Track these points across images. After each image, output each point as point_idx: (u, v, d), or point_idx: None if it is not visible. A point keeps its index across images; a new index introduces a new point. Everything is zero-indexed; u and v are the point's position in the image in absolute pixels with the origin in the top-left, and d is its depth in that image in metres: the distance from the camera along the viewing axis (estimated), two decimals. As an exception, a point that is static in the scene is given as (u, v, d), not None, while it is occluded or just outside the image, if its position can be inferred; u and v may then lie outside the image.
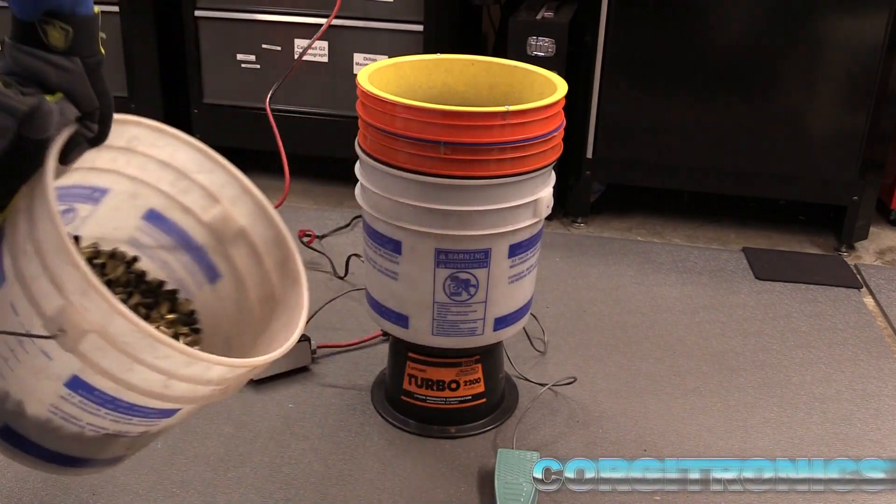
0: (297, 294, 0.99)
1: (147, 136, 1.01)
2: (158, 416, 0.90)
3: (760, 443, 1.55)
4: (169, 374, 0.83)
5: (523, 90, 1.49)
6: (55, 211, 0.76)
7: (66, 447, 0.92)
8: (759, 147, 2.24)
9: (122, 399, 0.85)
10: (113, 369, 0.81)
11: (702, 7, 2.19)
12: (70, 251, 0.76)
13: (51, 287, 0.78)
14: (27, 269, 0.79)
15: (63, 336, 0.78)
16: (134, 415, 0.88)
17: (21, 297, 0.80)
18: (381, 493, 1.40)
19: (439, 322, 1.43)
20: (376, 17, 2.31)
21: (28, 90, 0.73)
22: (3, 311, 0.82)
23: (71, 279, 0.77)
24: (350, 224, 2.29)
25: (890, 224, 2.48)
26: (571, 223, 2.42)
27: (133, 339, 0.79)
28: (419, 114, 1.30)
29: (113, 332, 0.78)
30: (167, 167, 1.04)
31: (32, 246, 0.78)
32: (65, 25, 0.74)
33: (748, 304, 2.01)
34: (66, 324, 0.77)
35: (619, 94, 2.26)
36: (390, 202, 1.37)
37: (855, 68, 2.14)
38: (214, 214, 1.07)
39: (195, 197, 1.06)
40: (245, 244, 1.06)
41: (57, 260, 0.77)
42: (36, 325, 0.79)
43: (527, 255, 1.44)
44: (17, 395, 0.86)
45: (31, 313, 0.79)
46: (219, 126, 2.52)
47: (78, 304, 0.77)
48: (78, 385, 0.83)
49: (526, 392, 1.66)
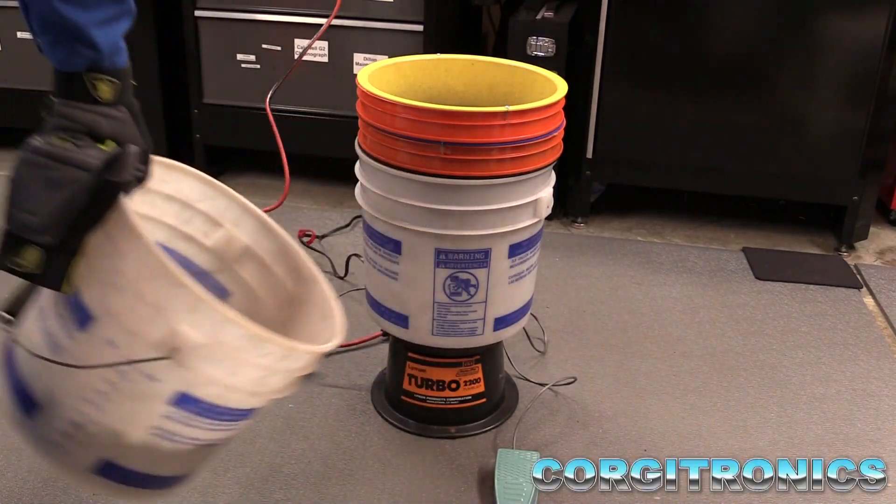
0: (318, 290, 1.05)
1: (158, 173, 1.04)
2: (243, 417, 0.95)
3: (760, 443, 1.55)
4: (268, 370, 0.88)
5: (524, 90, 1.49)
6: (150, 241, 0.81)
7: (164, 468, 0.95)
8: (759, 147, 2.24)
9: (221, 405, 0.90)
10: (218, 376, 0.86)
11: (702, 7, 2.19)
12: (174, 273, 0.80)
13: (152, 312, 0.81)
14: (120, 303, 0.82)
15: (177, 355, 0.81)
16: (226, 419, 0.93)
17: (118, 329, 0.83)
18: (381, 493, 1.40)
19: (439, 322, 1.43)
20: (376, 17, 2.31)
21: (81, 142, 0.76)
22: (98, 349, 0.84)
23: (178, 299, 0.80)
24: (350, 224, 2.29)
25: (890, 224, 2.48)
26: (571, 223, 2.42)
27: (242, 343, 0.83)
28: (419, 114, 1.30)
29: (225, 339, 0.82)
30: (173, 200, 1.10)
31: (121, 279, 0.81)
32: (112, 79, 0.77)
33: (748, 304, 2.01)
34: (178, 343, 0.81)
35: (619, 94, 2.26)
36: (390, 202, 1.37)
37: (855, 68, 2.14)
38: (217, 238, 1.12)
39: (197, 224, 1.12)
40: (251, 260, 1.12)
41: (156, 285, 0.80)
42: (141, 352, 0.82)
43: (527, 255, 1.44)
44: (117, 426, 0.89)
45: (134, 342, 0.82)
46: (219, 126, 2.52)
47: (188, 320, 0.81)
48: (183, 400, 0.87)
49: (526, 392, 1.66)
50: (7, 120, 2.71)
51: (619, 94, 2.26)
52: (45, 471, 1.41)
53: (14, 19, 2.50)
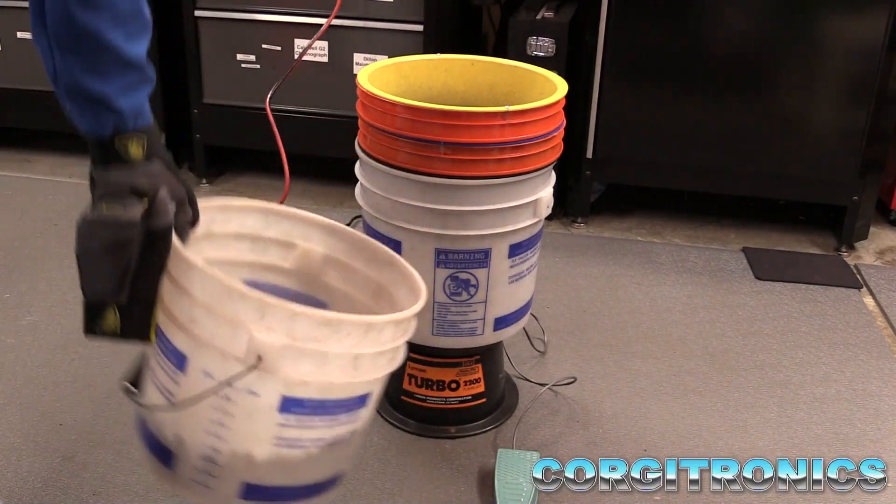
0: (399, 268, 1.09)
1: (216, 217, 1.11)
2: (358, 406, 0.97)
3: (760, 443, 1.55)
4: (355, 352, 0.91)
5: (524, 90, 1.49)
6: (204, 265, 0.86)
7: (304, 476, 0.98)
8: (759, 147, 2.24)
9: (328, 399, 0.93)
10: (311, 372, 0.89)
11: (702, 7, 2.19)
12: (233, 287, 0.85)
13: (230, 329, 0.86)
14: (204, 332, 0.87)
15: (262, 362, 0.86)
16: (340, 411, 0.95)
17: (209, 358, 0.88)
18: (381, 493, 1.40)
19: (439, 322, 1.43)
20: (376, 17, 2.31)
21: (127, 202, 0.82)
22: (199, 383, 0.89)
23: (245, 309, 0.85)
24: (350, 224, 2.28)
25: (890, 224, 2.48)
26: (571, 223, 2.42)
27: (318, 332, 0.87)
28: (419, 114, 1.30)
29: (299, 332, 0.86)
30: (242, 237, 1.15)
31: (198, 311, 0.87)
32: (140, 137, 0.83)
33: (748, 304, 2.01)
34: (259, 349, 0.85)
35: (619, 94, 2.26)
36: (390, 202, 1.37)
37: (855, 68, 2.14)
38: (295, 258, 1.17)
39: (273, 251, 1.17)
40: (332, 266, 1.16)
41: (225, 303, 0.86)
42: (232, 372, 0.87)
43: (527, 255, 1.44)
44: (242, 448, 0.92)
45: (225, 364, 0.87)
46: (219, 126, 2.52)
47: (261, 326, 0.85)
48: (289, 404, 0.90)
49: (526, 392, 1.66)
50: (7, 120, 2.71)
51: (619, 94, 2.26)
52: (45, 471, 1.41)
53: (14, 19, 2.50)
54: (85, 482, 1.39)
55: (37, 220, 2.27)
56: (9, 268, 2.04)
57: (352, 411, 0.97)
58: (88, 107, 0.82)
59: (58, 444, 1.47)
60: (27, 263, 2.06)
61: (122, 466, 1.42)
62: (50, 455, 1.44)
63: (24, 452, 1.45)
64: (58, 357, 1.71)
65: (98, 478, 1.40)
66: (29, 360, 1.70)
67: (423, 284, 1.04)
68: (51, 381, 1.63)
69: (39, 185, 2.51)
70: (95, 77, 0.80)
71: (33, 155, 2.76)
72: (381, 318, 0.93)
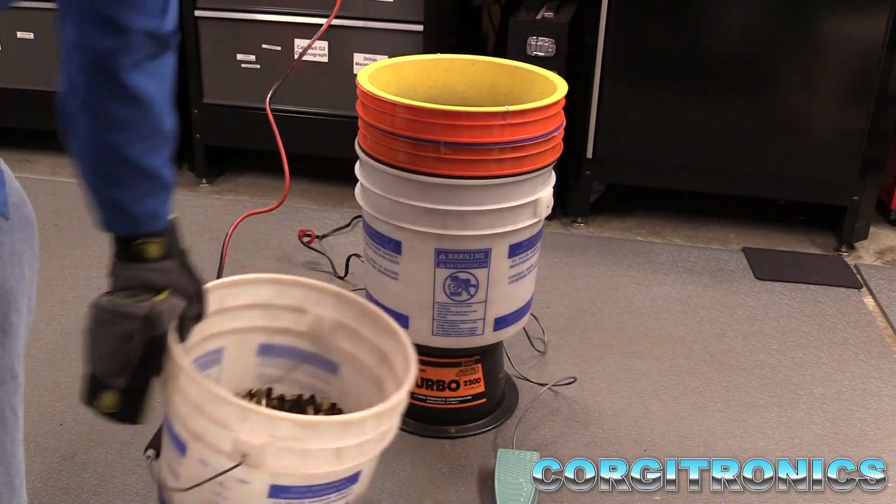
0: (398, 339, 1.17)
1: (228, 292, 1.20)
2: (348, 484, 1.06)
3: (760, 443, 1.55)
4: (336, 446, 0.99)
5: (524, 90, 1.48)
6: (194, 373, 0.97)
7: None
8: (759, 147, 2.24)
9: (315, 484, 1.02)
10: (294, 465, 0.98)
11: (702, 7, 2.19)
12: (220, 395, 0.95)
13: (219, 429, 0.96)
14: (197, 427, 0.98)
15: (248, 458, 0.95)
16: (330, 492, 1.04)
17: (203, 449, 0.98)
18: (381, 493, 1.40)
19: (439, 322, 1.43)
20: (376, 17, 2.31)
21: (142, 297, 0.89)
22: (197, 469, 1.00)
23: (230, 413, 0.95)
24: (350, 224, 2.29)
25: (890, 224, 2.48)
26: (571, 223, 2.42)
27: (298, 433, 0.97)
28: (419, 114, 1.30)
29: (280, 433, 0.96)
30: (254, 307, 1.24)
31: (192, 408, 0.98)
32: (159, 240, 0.89)
33: (748, 304, 2.01)
34: (243, 448, 0.95)
35: (619, 94, 2.26)
36: (390, 202, 1.37)
37: (855, 68, 2.14)
38: (308, 322, 1.25)
39: (286, 317, 1.25)
40: (343, 330, 1.24)
41: (210, 406, 0.96)
42: (223, 464, 0.96)
43: (527, 255, 1.44)
44: None
45: (216, 456, 0.97)
46: (219, 126, 2.52)
47: (244, 427, 0.95)
48: (278, 491, 1.00)
49: (526, 392, 1.66)
50: (7, 120, 2.71)
51: (619, 94, 2.26)
52: (45, 471, 1.41)
53: (14, 19, 2.49)
54: (85, 482, 1.39)
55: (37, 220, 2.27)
56: (9, 268, 2.04)
57: (342, 490, 1.05)
58: (107, 210, 0.86)
59: (58, 444, 1.47)
60: (27, 263, 2.06)
61: (122, 466, 1.42)
62: (50, 455, 1.44)
63: (25, 452, 1.45)
64: (58, 357, 1.71)
65: (98, 478, 1.40)
66: (29, 360, 1.69)
67: (415, 359, 1.11)
68: (51, 381, 1.63)
69: (39, 185, 2.51)
70: (112, 184, 0.84)
71: (33, 155, 2.76)
72: (360, 415, 1.00)
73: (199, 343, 1.21)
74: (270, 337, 1.28)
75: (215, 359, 1.26)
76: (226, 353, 1.27)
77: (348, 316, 1.25)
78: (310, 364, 1.31)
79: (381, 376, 1.20)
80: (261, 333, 1.27)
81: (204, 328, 1.17)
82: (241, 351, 1.29)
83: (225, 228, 1.70)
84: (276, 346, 1.29)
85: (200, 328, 1.13)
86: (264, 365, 1.31)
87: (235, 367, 1.29)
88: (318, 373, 1.31)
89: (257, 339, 1.27)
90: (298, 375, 1.32)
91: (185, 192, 2.53)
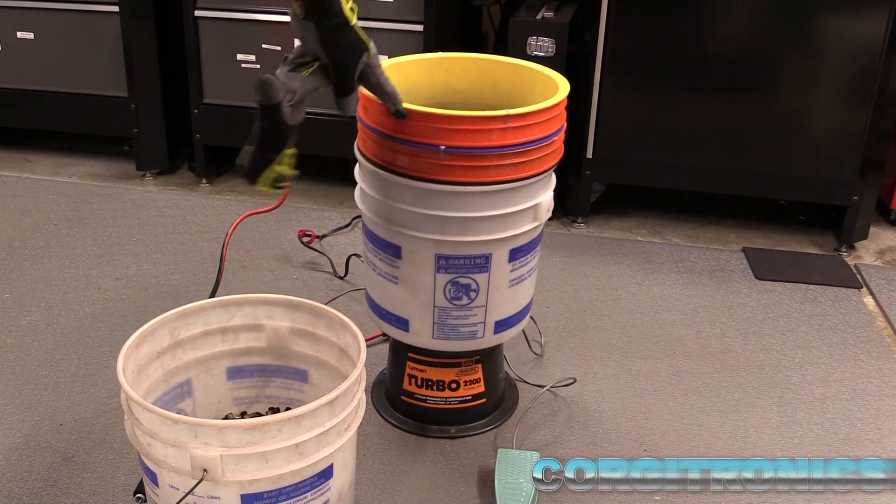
0: (350, 331, 1.21)
1: (179, 322, 1.24)
2: (322, 479, 1.08)
3: (760, 443, 1.55)
4: (293, 444, 1.02)
5: (526, 89, 1.48)
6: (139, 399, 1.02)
7: None
8: (758, 147, 2.24)
9: (284, 486, 1.05)
10: (258, 469, 1.01)
11: (702, 7, 2.19)
12: (168, 415, 1.00)
13: (176, 450, 1.00)
14: (157, 454, 1.03)
15: (208, 472, 0.99)
16: (303, 491, 1.07)
17: (170, 474, 1.03)
18: (381, 493, 1.40)
19: (440, 326, 1.43)
20: (376, 17, 2.31)
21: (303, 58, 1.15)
22: (171, 496, 1.04)
23: (181, 432, 0.99)
24: (350, 224, 2.29)
25: (890, 224, 2.49)
26: (571, 223, 2.42)
27: (251, 438, 1.00)
28: (419, 118, 1.29)
29: (232, 441, 0.99)
30: (211, 333, 1.28)
31: (149, 436, 1.03)
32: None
33: (748, 304, 2.01)
34: (202, 464, 0.99)
35: (620, 94, 2.27)
36: (389, 207, 1.37)
37: (855, 68, 2.14)
38: (266, 336, 1.30)
39: (244, 336, 1.30)
40: (300, 335, 1.29)
41: (165, 429, 1.01)
42: (190, 483, 1.01)
43: (527, 259, 1.44)
44: None
45: (183, 479, 1.02)
46: (219, 126, 2.52)
47: (198, 443, 0.99)
48: (250, 500, 1.03)
49: (526, 392, 1.66)
50: (7, 120, 2.71)
51: (619, 94, 2.26)
52: (45, 471, 1.41)
53: (14, 19, 2.50)
54: (85, 482, 1.39)
55: (37, 220, 2.27)
56: (9, 268, 2.04)
57: (316, 487, 1.08)
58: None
59: (58, 444, 1.47)
60: (27, 263, 2.06)
61: (122, 466, 1.42)
62: (50, 455, 1.44)
63: (24, 452, 1.45)
64: (58, 357, 1.71)
65: (98, 478, 1.40)
66: (29, 360, 1.70)
67: (364, 347, 1.15)
68: (51, 381, 1.64)
69: (39, 185, 2.51)
70: None
71: (33, 155, 2.76)
72: (310, 407, 1.02)
73: (163, 378, 1.26)
74: (235, 359, 1.32)
75: (186, 391, 1.31)
76: (195, 383, 1.31)
77: (302, 321, 1.29)
78: (280, 377, 1.36)
79: (344, 371, 1.23)
80: (225, 357, 1.31)
81: (165, 363, 1.25)
82: (210, 379, 1.33)
83: (225, 228, 1.71)
84: (244, 367, 1.33)
85: (158, 364, 1.23)
86: (237, 388, 1.36)
87: (208, 396, 1.34)
88: (291, 383, 1.36)
89: (224, 364, 1.32)
90: (272, 391, 1.37)
91: (185, 192, 2.53)
